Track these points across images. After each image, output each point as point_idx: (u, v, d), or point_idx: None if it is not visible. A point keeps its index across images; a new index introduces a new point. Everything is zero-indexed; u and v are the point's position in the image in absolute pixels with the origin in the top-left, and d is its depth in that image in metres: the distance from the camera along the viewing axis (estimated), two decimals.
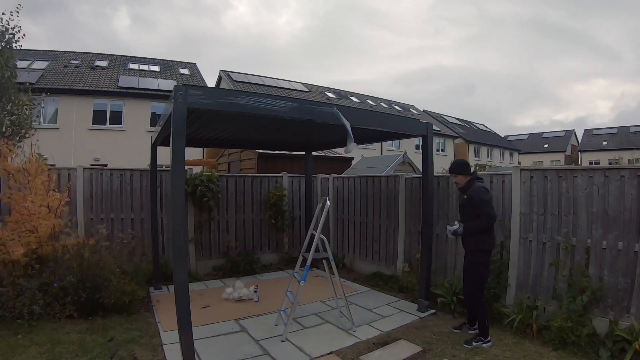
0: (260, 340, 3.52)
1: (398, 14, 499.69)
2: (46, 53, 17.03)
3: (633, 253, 3.18)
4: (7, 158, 4.25)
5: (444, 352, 3.25)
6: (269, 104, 3.15)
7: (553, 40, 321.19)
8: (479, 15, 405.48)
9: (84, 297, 3.85)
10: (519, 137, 41.53)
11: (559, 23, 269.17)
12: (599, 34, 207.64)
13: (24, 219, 4.07)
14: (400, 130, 4.47)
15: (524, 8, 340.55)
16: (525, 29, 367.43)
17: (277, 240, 6.79)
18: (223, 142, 6.06)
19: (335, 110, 3.49)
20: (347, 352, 3.28)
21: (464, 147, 28.28)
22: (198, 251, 6.04)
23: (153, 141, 5.10)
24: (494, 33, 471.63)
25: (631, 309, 3.16)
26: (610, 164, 19.72)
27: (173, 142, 2.72)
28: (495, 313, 3.84)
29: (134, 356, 3.12)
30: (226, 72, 21.03)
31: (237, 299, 4.65)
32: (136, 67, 17.81)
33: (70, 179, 5.06)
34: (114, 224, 5.35)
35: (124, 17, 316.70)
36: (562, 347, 3.18)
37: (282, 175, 6.89)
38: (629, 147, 27.23)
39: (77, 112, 14.15)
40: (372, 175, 6.28)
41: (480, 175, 4.06)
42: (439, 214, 4.87)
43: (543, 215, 3.82)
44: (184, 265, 2.86)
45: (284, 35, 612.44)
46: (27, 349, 3.13)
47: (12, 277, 3.74)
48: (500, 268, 4.11)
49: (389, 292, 5.06)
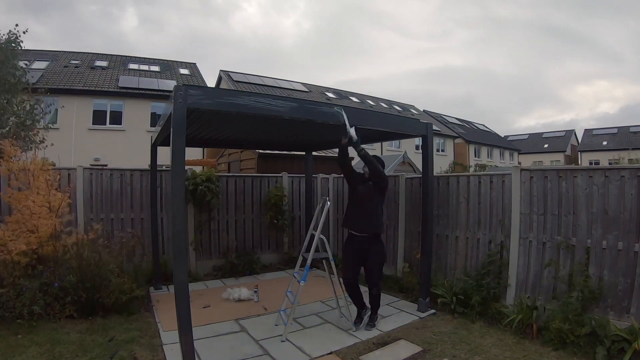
0: (260, 340, 3.52)
1: (405, 15, 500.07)
2: (46, 53, 17.03)
3: (633, 253, 3.18)
4: (12, 158, 4.26)
5: (444, 352, 3.25)
6: (269, 103, 3.15)
7: (556, 42, 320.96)
8: (485, 16, 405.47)
9: (84, 297, 3.85)
10: (519, 137, 41.53)
11: (564, 25, 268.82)
12: (602, 35, 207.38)
13: (25, 218, 4.07)
14: (400, 130, 4.47)
15: (529, 10, 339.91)
16: (529, 31, 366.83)
17: (277, 240, 6.79)
18: (223, 142, 6.05)
19: (336, 110, 3.49)
20: (347, 352, 3.28)
21: (464, 147, 28.30)
22: (198, 251, 6.03)
23: (153, 141, 5.10)
24: (499, 35, 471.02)
25: (631, 309, 3.16)
26: (610, 164, 19.71)
27: (173, 142, 2.71)
28: (495, 313, 3.84)
29: (134, 356, 3.12)
30: (226, 72, 21.03)
31: (237, 299, 4.65)
32: (136, 67, 17.81)
33: (70, 179, 5.06)
34: (114, 224, 5.35)
35: (131, 18, 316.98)
36: (562, 347, 3.18)
37: (282, 175, 6.89)
38: (629, 147, 27.22)
39: (77, 112, 14.15)
40: None
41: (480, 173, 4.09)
42: (439, 214, 4.87)
43: (543, 215, 3.82)
44: (184, 265, 2.86)
45: (291, 37, 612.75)
46: (27, 349, 3.13)
47: (13, 277, 3.73)
48: (500, 268, 4.12)
49: (389, 292, 5.05)
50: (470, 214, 4.55)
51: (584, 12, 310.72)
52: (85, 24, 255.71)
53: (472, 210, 4.54)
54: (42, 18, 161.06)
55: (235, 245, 6.32)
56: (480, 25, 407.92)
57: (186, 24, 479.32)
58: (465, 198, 4.60)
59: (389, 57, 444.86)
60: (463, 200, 4.62)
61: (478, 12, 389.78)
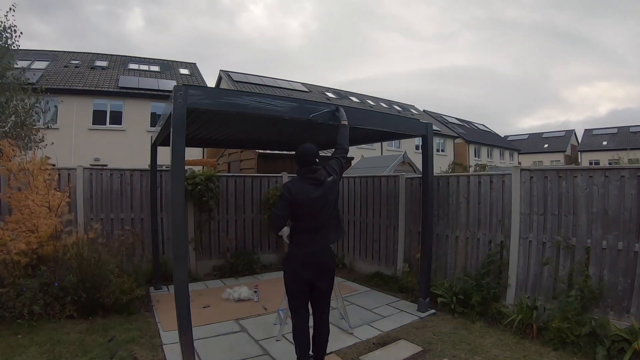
0: (260, 340, 3.52)
1: (411, 17, 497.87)
2: (46, 53, 17.03)
3: (633, 253, 3.18)
4: (11, 158, 4.26)
5: (444, 352, 3.25)
6: (269, 103, 3.15)
7: (560, 44, 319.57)
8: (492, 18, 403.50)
9: (84, 297, 3.85)
10: (519, 137, 41.51)
11: (567, 27, 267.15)
12: (605, 37, 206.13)
13: (25, 218, 4.07)
14: (400, 130, 4.47)
15: (534, 12, 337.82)
16: (534, 33, 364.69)
17: (277, 240, 6.78)
18: (223, 142, 6.05)
19: (333, 107, 3.50)
20: (347, 352, 3.28)
21: (464, 147, 28.29)
22: (198, 251, 6.03)
23: (153, 141, 5.10)
24: (504, 36, 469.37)
25: (631, 308, 3.16)
26: (610, 164, 19.72)
27: (173, 142, 2.71)
28: (495, 313, 3.84)
29: (134, 356, 3.12)
30: (226, 72, 21.02)
31: (237, 299, 4.65)
32: (136, 67, 17.80)
33: (70, 179, 5.06)
34: (114, 224, 5.35)
35: (137, 18, 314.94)
36: (562, 347, 3.18)
37: (282, 175, 6.89)
38: (629, 147, 27.22)
39: (77, 112, 14.15)
40: (372, 175, 6.28)
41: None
42: (439, 214, 4.87)
43: (543, 215, 3.82)
44: (184, 265, 2.85)
45: (297, 38, 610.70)
46: (27, 349, 3.13)
47: (13, 277, 3.73)
48: (500, 268, 4.12)
49: (389, 292, 5.06)
50: (470, 213, 4.55)
51: (587, 13, 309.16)
52: (91, 24, 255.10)
53: (472, 210, 4.54)
54: (47, 18, 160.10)
55: (235, 245, 6.32)
56: (486, 27, 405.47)
57: (192, 24, 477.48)
58: (465, 198, 4.60)
59: (395, 58, 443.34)
60: (463, 200, 4.62)
61: (483, 14, 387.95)
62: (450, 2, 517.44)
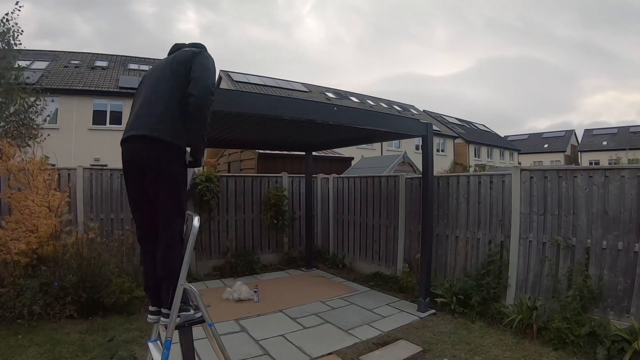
0: (260, 340, 3.52)
1: None
2: (46, 53, 17.03)
3: (633, 253, 3.19)
4: (10, 158, 4.26)
5: (444, 352, 3.25)
6: (269, 103, 3.16)
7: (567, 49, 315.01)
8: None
9: (84, 297, 3.85)
10: (519, 137, 41.49)
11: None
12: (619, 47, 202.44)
13: (25, 218, 4.06)
14: (400, 130, 4.47)
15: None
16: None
17: (277, 241, 6.79)
18: (223, 142, 6.06)
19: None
20: (347, 352, 3.28)
21: (464, 147, 28.30)
22: (198, 251, 6.03)
23: None
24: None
25: (631, 308, 3.17)
26: (610, 164, 19.71)
27: None
28: (495, 313, 3.84)
29: (134, 356, 3.12)
30: (226, 72, 21.01)
31: (237, 299, 4.65)
32: (136, 67, 17.79)
33: (70, 179, 5.05)
34: (114, 224, 5.35)
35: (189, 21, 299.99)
36: (561, 347, 3.18)
37: (282, 175, 6.89)
38: (629, 147, 27.21)
39: (77, 112, 14.15)
40: (372, 176, 6.28)
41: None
42: (439, 214, 4.87)
43: (543, 215, 3.82)
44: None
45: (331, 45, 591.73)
46: (27, 349, 3.13)
47: (13, 277, 3.73)
48: (500, 268, 4.12)
49: (389, 292, 5.06)
50: (470, 214, 4.55)
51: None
52: (138, 26, 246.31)
53: (472, 210, 4.54)
54: (88, 16, 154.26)
55: (235, 245, 6.32)
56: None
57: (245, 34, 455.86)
58: (465, 198, 4.60)
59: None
60: (463, 200, 4.62)
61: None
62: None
